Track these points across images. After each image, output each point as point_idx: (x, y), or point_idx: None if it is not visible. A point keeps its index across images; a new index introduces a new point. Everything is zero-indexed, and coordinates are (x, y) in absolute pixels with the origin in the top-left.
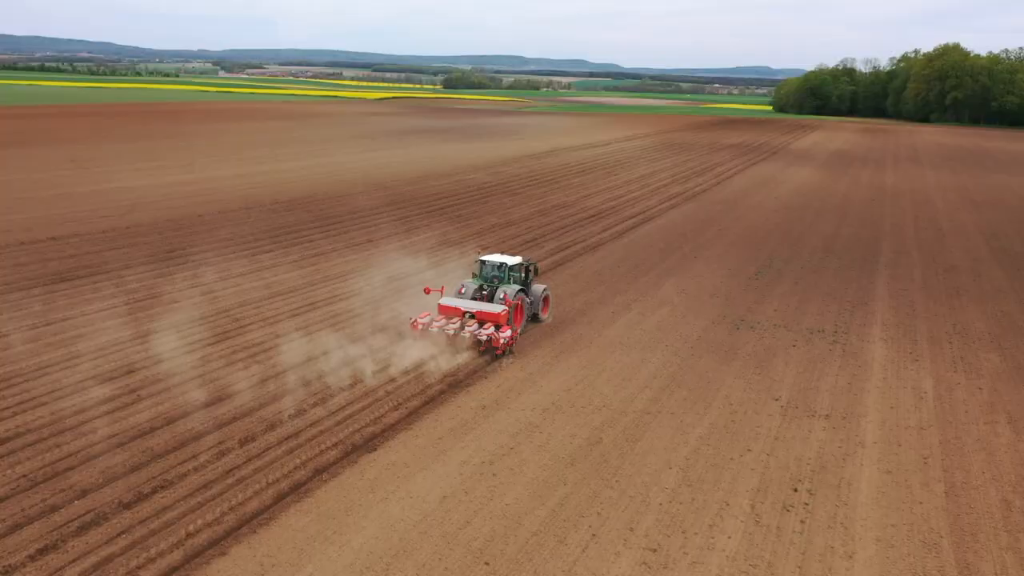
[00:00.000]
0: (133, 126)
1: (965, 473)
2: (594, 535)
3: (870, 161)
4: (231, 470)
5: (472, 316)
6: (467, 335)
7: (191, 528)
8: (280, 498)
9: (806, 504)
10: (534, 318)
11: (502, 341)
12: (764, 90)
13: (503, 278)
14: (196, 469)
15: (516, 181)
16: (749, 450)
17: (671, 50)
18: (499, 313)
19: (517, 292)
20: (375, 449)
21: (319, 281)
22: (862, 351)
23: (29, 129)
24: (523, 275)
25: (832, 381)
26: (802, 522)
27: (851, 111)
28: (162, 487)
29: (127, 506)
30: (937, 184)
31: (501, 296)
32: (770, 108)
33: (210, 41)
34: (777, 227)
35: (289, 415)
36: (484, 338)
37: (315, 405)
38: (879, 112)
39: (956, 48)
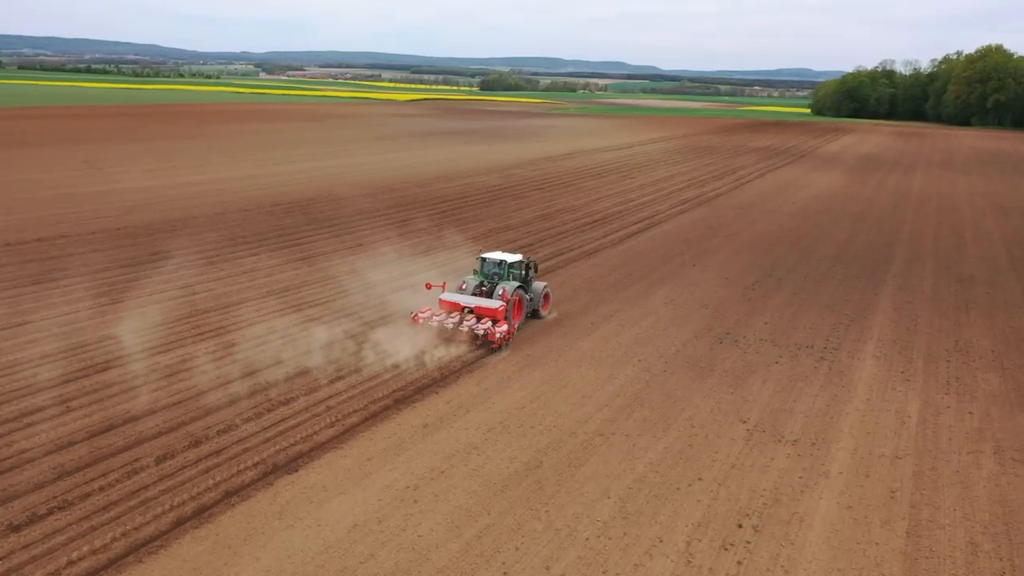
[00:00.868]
0: (156, 127)
1: (934, 510)
2: (505, 573)
3: (900, 165)
4: (138, 490)
5: (471, 311)
6: (465, 329)
7: (74, 555)
8: (180, 523)
9: (748, 543)
10: (535, 314)
11: (498, 335)
12: (804, 92)
13: (503, 275)
14: (102, 489)
15: (527, 184)
16: (700, 479)
17: (711, 52)
18: (496, 308)
19: (515, 289)
20: (296, 470)
21: (297, 286)
22: (849, 369)
23: (52, 129)
24: (523, 272)
25: (809, 403)
26: (739, 563)
27: (889, 114)
28: (60, 508)
29: (16, 529)
30: (967, 189)
31: (500, 292)
32: (809, 111)
33: (253, 44)
34: (788, 233)
35: (218, 430)
36: (481, 332)
37: (248, 420)
38: (918, 115)
39: (999, 49)
